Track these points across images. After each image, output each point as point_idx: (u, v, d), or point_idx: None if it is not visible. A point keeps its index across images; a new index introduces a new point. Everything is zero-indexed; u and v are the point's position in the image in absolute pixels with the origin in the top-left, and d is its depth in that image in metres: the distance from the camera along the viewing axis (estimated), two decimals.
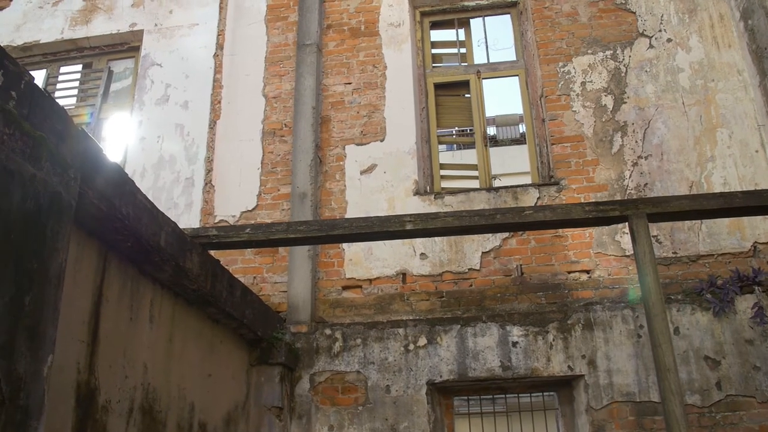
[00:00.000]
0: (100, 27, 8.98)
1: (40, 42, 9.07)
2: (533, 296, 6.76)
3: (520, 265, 6.88)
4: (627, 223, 5.14)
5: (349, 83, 7.92)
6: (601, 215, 5.07)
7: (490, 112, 24.72)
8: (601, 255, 6.85)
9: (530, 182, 7.47)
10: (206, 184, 7.66)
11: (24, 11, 9.31)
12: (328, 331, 6.76)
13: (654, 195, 6.92)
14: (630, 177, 7.09)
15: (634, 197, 6.88)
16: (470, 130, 14.58)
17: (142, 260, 4.33)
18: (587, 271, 6.82)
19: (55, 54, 9.10)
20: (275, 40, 8.32)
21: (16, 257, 2.92)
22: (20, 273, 2.95)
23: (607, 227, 6.80)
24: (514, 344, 6.51)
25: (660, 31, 7.64)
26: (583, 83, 7.53)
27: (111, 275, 4.06)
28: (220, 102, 8.10)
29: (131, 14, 8.95)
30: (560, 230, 6.88)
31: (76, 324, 3.67)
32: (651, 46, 7.60)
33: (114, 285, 4.09)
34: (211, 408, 5.47)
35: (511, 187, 7.30)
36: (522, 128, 20.44)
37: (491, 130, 21.20)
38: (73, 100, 8.76)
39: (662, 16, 7.71)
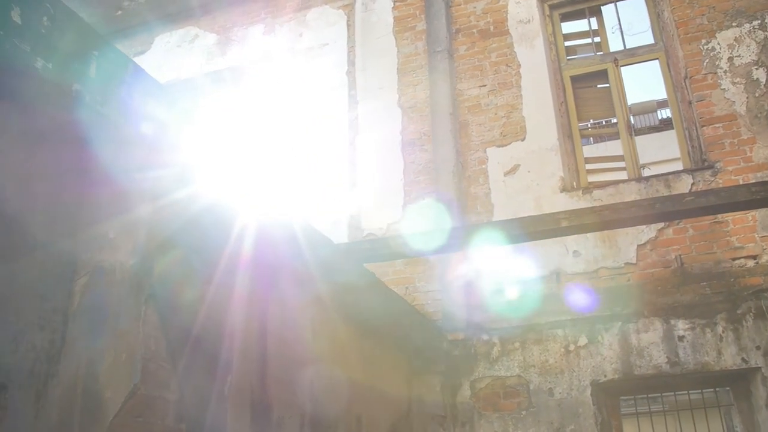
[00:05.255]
0: (235, 57, 9.31)
1: (181, 78, 9.49)
2: (697, 287, 6.42)
3: (680, 255, 6.56)
4: None
5: (484, 85, 7.83)
6: None
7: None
8: (767, 239, 6.43)
9: (681, 168, 7.13)
10: (351, 199, 7.76)
11: (164, 52, 9.79)
12: (485, 337, 6.68)
13: None
14: None
15: None
16: (606, 121, 14.17)
17: (302, 278, 4.42)
18: (754, 257, 6.41)
19: (196, 87, 9.49)
20: (405, 51, 8.35)
21: (190, 284, 3.03)
22: (191, 300, 3.05)
23: None
24: (681, 338, 6.22)
25: None
26: (730, 59, 7.11)
27: (274, 295, 4.16)
28: (357, 117, 8.20)
29: (263, 41, 9.23)
30: (719, 216, 6.50)
31: (247, 344, 3.77)
32: None
33: (277, 304, 4.19)
34: (376, 420, 5.51)
35: (662, 175, 7.00)
36: (660, 114, 19.61)
37: None
38: None
39: None
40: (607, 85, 7.90)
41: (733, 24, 7.22)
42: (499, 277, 6.93)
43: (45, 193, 2.40)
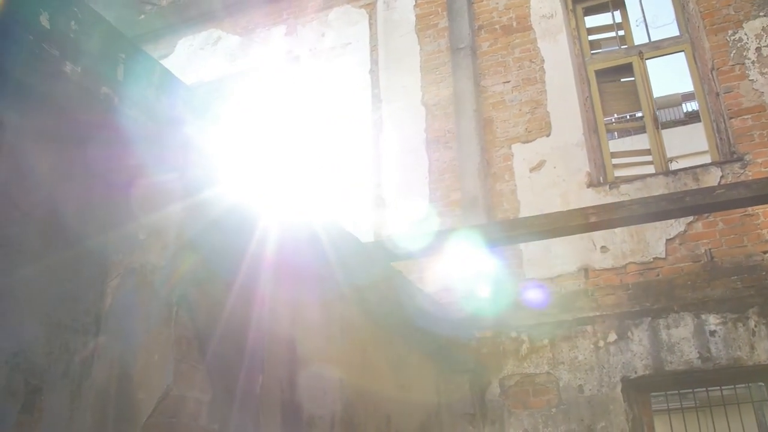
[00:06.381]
0: (258, 58, 9.33)
1: (205, 80, 9.51)
2: (727, 281, 6.33)
3: (709, 249, 6.48)
4: None
5: (508, 82, 7.79)
6: None
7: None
8: None
9: (710, 161, 7.04)
10: (376, 198, 7.75)
11: (187, 55, 9.83)
12: (513, 334, 6.64)
13: None
14: None
15: None
16: (630, 115, 14.03)
17: (330, 277, 4.41)
18: None
19: (220, 89, 9.53)
20: (428, 49, 8.33)
21: (220, 284, 3.03)
22: (221, 301, 3.06)
23: None
24: (712, 333, 6.14)
25: None
26: (758, 49, 7.00)
27: (302, 295, 4.15)
28: (381, 116, 8.19)
29: (286, 42, 9.25)
30: (750, 208, 6.41)
31: (277, 344, 3.77)
32: None
33: (305, 304, 4.18)
34: (406, 419, 5.50)
35: (690, 168, 6.91)
36: (686, 108, 19.41)
37: None
38: None
39: None
40: (632, 78, 7.83)
41: (761, 14, 7.11)
42: (526, 274, 6.90)
43: (76, 196, 2.41)
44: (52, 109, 2.33)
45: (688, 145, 15.37)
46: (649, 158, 7.63)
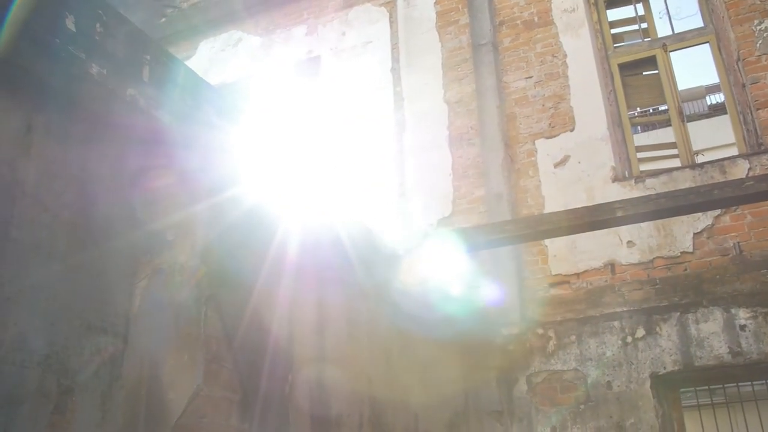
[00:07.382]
0: (279, 59, 9.34)
1: (227, 82, 9.54)
2: (757, 274, 6.24)
3: (738, 242, 6.39)
4: None
5: (530, 77, 7.73)
6: None
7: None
8: None
9: (737, 153, 6.95)
10: (400, 196, 7.73)
11: (209, 57, 9.86)
12: (540, 331, 6.60)
13: None
14: None
15: None
16: (653, 109, 13.91)
17: (354, 275, 4.40)
18: None
19: (242, 90, 9.55)
20: (449, 45, 8.29)
21: (248, 284, 3.03)
22: (250, 301, 3.06)
23: None
24: (742, 328, 6.06)
25: None
26: None
27: (330, 295, 4.15)
28: (403, 115, 8.16)
29: (307, 42, 9.25)
30: None
31: (306, 344, 3.77)
32: None
33: (330, 302, 4.18)
34: (433, 417, 5.48)
35: (717, 161, 6.82)
36: (710, 100, 19.21)
37: None
38: None
39: None
40: (656, 71, 7.74)
41: None
42: (551, 269, 6.85)
43: (104, 197, 2.42)
44: (78, 111, 2.34)
45: (713, 138, 15.25)
46: (674, 152, 7.55)
